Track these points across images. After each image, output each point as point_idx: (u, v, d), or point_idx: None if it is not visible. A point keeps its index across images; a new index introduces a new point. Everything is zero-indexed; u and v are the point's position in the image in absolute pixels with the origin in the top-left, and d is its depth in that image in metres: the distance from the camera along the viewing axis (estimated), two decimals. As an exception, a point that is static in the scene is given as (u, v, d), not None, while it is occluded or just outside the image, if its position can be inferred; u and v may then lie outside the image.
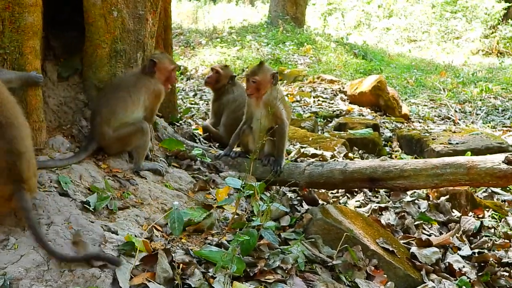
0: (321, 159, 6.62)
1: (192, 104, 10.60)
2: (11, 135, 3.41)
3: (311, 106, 10.99)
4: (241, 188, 4.31)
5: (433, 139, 8.14)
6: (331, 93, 12.11)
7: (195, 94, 11.81)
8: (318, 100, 11.50)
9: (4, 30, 4.08)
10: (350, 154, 7.28)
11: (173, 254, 3.62)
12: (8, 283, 3.16)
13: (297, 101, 11.36)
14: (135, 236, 3.69)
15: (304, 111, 10.45)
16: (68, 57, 4.93)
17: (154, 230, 3.91)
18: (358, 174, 4.90)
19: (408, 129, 9.56)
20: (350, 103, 11.44)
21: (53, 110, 4.69)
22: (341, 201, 5.70)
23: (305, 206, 5.10)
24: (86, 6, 4.71)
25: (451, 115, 11.42)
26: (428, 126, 10.06)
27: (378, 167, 4.82)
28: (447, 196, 5.77)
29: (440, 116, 11.51)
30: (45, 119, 4.50)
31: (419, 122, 10.75)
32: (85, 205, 3.90)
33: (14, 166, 3.39)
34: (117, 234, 3.67)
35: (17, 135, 3.44)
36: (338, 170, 4.97)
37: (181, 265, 3.53)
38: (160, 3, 5.26)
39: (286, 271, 3.82)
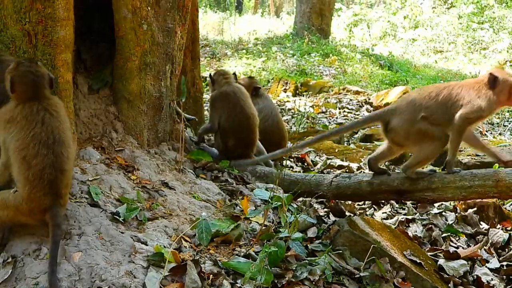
0: (347, 170, 6.62)
1: (218, 115, 10.62)
2: (59, 151, 3.51)
3: (336, 117, 10.98)
4: (269, 200, 4.33)
5: (460, 150, 8.05)
6: (357, 104, 12.10)
7: (221, 106, 11.82)
8: (344, 111, 11.49)
9: (37, 44, 4.16)
10: (377, 166, 7.24)
11: (202, 265, 3.64)
12: (41, 292, 3.22)
13: (323, 112, 11.36)
14: (164, 247, 3.73)
15: (329, 122, 10.45)
16: (98, 70, 5.02)
17: (183, 241, 3.94)
18: (385, 186, 4.88)
19: (435, 140, 9.43)
20: (376, 114, 11.37)
21: (84, 122, 4.76)
22: (368, 213, 5.69)
23: (332, 218, 5.09)
24: (117, 19, 4.79)
25: (478, 126, 11.30)
26: (455, 138, 9.92)
27: (405, 179, 4.80)
28: (475, 208, 5.71)
29: (467, 127, 11.37)
30: (76, 131, 4.57)
31: (446, 134, 10.63)
32: (115, 216, 3.94)
33: (56, 180, 3.47)
34: (147, 245, 3.71)
35: (65, 153, 3.54)
36: (366, 182, 4.96)
37: (210, 276, 3.57)
38: (188, 16, 5.32)
39: (314, 283, 3.82)
